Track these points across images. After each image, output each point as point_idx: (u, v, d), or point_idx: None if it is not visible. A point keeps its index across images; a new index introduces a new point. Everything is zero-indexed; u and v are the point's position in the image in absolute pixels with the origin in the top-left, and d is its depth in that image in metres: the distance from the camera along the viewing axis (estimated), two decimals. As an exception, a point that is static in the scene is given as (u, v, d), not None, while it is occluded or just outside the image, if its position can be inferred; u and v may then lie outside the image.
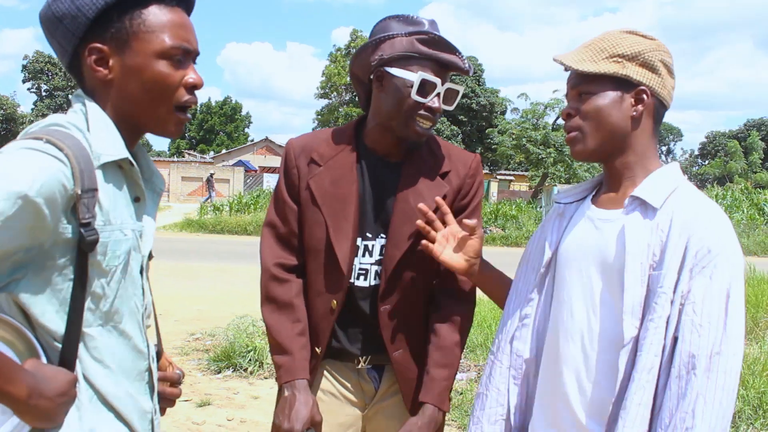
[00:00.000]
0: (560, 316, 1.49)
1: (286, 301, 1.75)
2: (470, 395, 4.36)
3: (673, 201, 1.38)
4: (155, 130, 1.30)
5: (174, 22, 1.23)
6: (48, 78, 50.61)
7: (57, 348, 1.16)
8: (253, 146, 49.07)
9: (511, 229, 19.51)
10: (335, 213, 1.73)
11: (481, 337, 5.54)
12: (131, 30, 1.20)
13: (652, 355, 1.28)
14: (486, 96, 42.64)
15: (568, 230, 1.54)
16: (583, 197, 1.58)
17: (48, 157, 1.09)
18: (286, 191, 1.79)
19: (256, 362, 5.12)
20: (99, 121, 1.21)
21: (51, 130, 1.16)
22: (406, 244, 1.72)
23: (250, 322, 5.83)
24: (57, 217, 1.11)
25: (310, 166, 1.76)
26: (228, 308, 7.02)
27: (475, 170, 1.82)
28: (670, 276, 1.31)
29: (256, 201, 21.82)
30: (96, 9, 1.17)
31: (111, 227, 1.19)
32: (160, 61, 1.22)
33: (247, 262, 11.49)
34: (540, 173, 31.24)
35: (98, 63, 1.21)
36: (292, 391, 1.68)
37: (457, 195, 1.78)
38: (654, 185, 1.41)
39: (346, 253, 1.73)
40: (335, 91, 44.93)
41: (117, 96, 1.23)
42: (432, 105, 1.66)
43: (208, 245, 14.62)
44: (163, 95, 1.24)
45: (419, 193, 1.73)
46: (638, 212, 1.39)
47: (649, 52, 1.43)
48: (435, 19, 1.71)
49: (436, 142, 1.84)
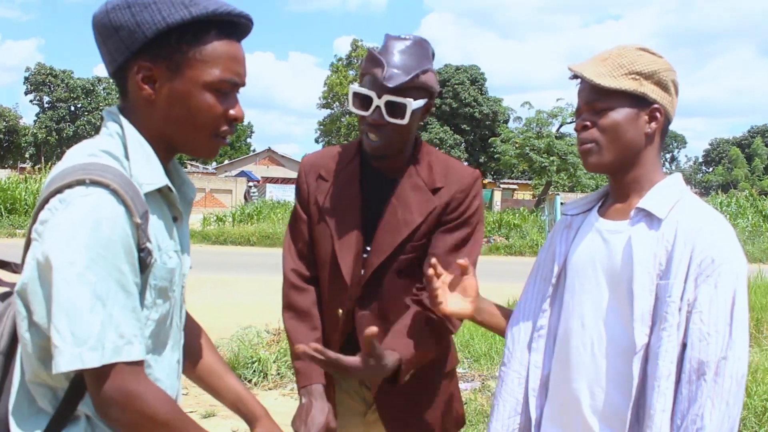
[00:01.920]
0: (570, 325, 1.52)
1: (304, 309, 1.83)
2: (474, 405, 4.35)
3: (678, 211, 1.42)
4: (191, 153, 1.31)
5: (229, 55, 1.22)
6: (50, 90, 50.84)
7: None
8: (255, 156, 49.24)
9: (515, 238, 19.50)
10: (340, 226, 1.79)
11: (485, 347, 5.53)
12: (186, 56, 1.19)
13: (668, 362, 1.34)
14: (488, 105, 42.71)
15: (576, 241, 1.57)
16: (589, 208, 1.61)
17: (107, 201, 1.10)
18: (300, 207, 1.88)
19: (261, 373, 5.11)
20: (138, 146, 1.21)
21: (87, 165, 1.15)
22: (385, 253, 1.76)
23: (254, 333, 5.83)
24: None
25: (318, 181, 1.84)
26: (232, 319, 7.01)
27: (469, 186, 1.80)
28: (677, 285, 1.36)
29: (259, 211, 21.86)
30: (156, 30, 1.16)
31: (160, 252, 1.20)
32: (207, 92, 1.21)
33: (251, 272, 11.50)
34: (543, 182, 31.27)
35: (145, 80, 1.20)
36: (308, 398, 1.74)
37: (444, 209, 1.78)
38: (658, 196, 1.45)
39: (350, 264, 1.77)
40: (337, 100, 45.11)
41: (157, 116, 1.22)
42: (369, 119, 1.69)
43: (211, 256, 14.63)
44: (205, 125, 1.24)
45: (407, 206, 1.76)
46: (644, 223, 1.43)
47: (663, 72, 1.47)
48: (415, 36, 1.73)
49: (436, 158, 1.85)
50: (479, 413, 4.25)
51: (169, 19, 1.15)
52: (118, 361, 1.08)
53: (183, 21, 1.16)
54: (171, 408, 1.15)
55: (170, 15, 1.16)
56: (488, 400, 4.50)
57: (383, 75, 1.64)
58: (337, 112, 45.66)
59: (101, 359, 1.06)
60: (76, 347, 1.05)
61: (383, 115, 1.67)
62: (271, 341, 5.80)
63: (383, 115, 1.67)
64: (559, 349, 1.56)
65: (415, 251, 1.78)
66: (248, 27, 1.28)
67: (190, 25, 1.18)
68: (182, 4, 1.17)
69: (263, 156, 48.41)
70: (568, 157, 29.67)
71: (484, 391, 4.68)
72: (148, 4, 1.16)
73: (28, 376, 1.15)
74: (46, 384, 1.15)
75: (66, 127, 49.57)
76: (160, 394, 1.15)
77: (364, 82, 1.72)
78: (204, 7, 1.17)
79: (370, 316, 1.80)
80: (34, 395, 1.16)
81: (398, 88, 1.64)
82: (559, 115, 32.08)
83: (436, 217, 1.78)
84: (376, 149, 1.73)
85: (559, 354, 1.55)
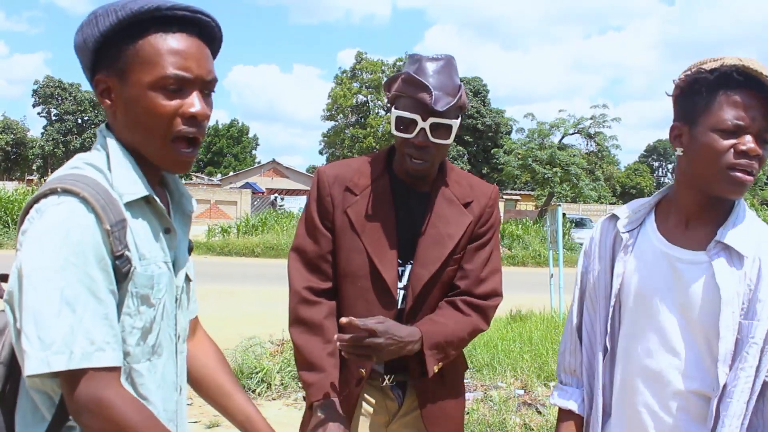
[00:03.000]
0: (634, 351, 1.50)
1: (316, 323, 1.80)
2: (476, 415, 4.38)
3: (760, 247, 1.39)
4: (159, 164, 1.27)
5: (170, 50, 1.18)
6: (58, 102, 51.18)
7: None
8: (260, 168, 49.36)
9: (518, 248, 19.49)
10: (376, 240, 1.80)
11: (487, 357, 5.55)
12: (127, 61, 1.18)
13: (742, 403, 1.34)
14: (491, 116, 42.82)
15: (636, 261, 1.52)
16: (641, 222, 1.55)
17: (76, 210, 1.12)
18: (317, 218, 1.85)
19: (264, 384, 5.14)
20: (118, 158, 1.22)
21: (64, 176, 1.18)
22: (434, 266, 1.80)
23: (258, 344, 5.87)
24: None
25: (345, 194, 1.84)
26: (236, 330, 7.04)
27: (494, 201, 1.92)
28: (762, 327, 1.35)
29: (264, 223, 21.92)
30: (94, 40, 1.17)
31: (146, 261, 1.20)
32: (151, 92, 1.18)
33: (255, 283, 11.53)
34: (546, 192, 31.26)
35: (103, 94, 1.22)
36: (324, 410, 1.71)
37: (477, 223, 1.87)
38: (740, 230, 1.40)
39: (394, 278, 1.80)
40: (341, 112, 45.23)
41: (121, 128, 1.23)
42: (414, 141, 1.74)
43: (215, 267, 14.67)
44: (157, 127, 1.20)
45: (447, 220, 1.83)
46: (724, 258, 1.38)
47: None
48: (447, 56, 1.78)
49: (459, 173, 1.94)
50: (482, 423, 4.27)
51: (101, 28, 1.17)
52: (88, 366, 1.08)
53: (113, 26, 1.16)
54: (143, 416, 1.14)
55: (102, 24, 1.17)
56: (490, 410, 4.52)
57: (431, 99, 1.69)
58: (341, 124, 45.76)
59: (68, 363, 1.06)
60: (42, 351, 1.05)
61: (428, 137, 1.73)
62: (274, 352, 5.84)
63: (428, 137, 1.73)
64: (623, 375, 1.53)
65: (456, 264, 1.85)
66: (194, 20, 1.21)
67: (125, 29, 1.17)
68: (113, 10, 1.16)
69: (268, 167, 48.49)
70: (571, 168, 29.67)
71: (486, 401, 4.71)
72: (91, 19, 1.19)
73: (27, 383, 1.16)
74: (44, 391, 1.16)
75: (73, 140, 49.84)
76: (132, 402, 1.14)
77: (405, 105, 1.74)
78: (129, 8, 1.15)
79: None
80: (36, 402, 1.17)
81: (445, 110, 1.71)
82: (561, 126, 32.11)
83: (471, 231, 1.86)
84: (419, 171, 1.78)
85: (624, 376, 1.52)
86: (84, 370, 1.08)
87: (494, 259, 1.90)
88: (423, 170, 1.79)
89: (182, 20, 1.20)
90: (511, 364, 5.44)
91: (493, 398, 4.72)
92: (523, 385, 5.08)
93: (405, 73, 1.75)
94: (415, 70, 1.74)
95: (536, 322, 7.26)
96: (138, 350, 1.21)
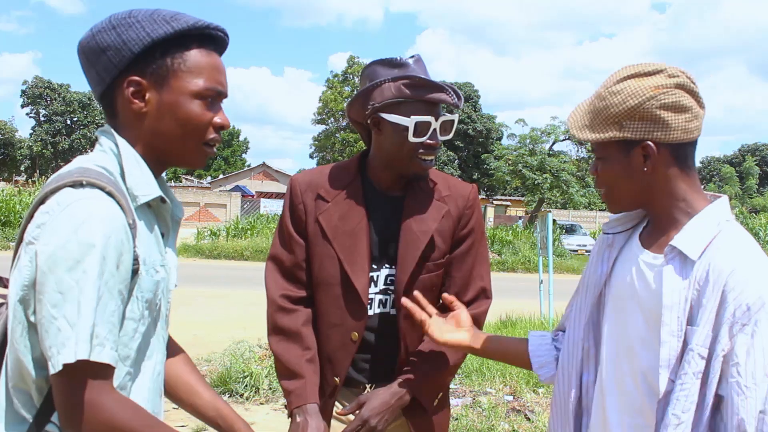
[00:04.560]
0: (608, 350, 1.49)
1: (294, 330, 1.80)
2: (465, 421, 4.37)
3: (711, 251, 1.33)
4: (181, 163, 1.35)
5: (211, 65, 1.29)
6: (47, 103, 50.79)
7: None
8: (250, 171, 49.25)
9: (507, 254, 19.53)
10: (347, 247, 1.79)
11: (476, 363, 5.55)
12: (172, 69, 1.25)
13: (678, 411, 1.29)
14: (482, 122, 42.95)
15: (617, 264, 1.52)
16: (633, 225, 1.55)
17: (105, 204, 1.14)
18: (292, 226, 1.84)
19: (252, 388, 5.11)
20: (132, 160, 1.25)
21: (83, 169, 1.19)
22: (411, 266, 1.79)
23: (247, 348, 5.84)
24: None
25: (317, 201, 1.82)
26: (224, 333, 7.01)
27: (473, 201, 1.89)
28: (701, 332, 1.29)
29: (253, 226, 21.85)
30: (142, 45, 1.22)
31: (146, 266, 1.22)
32: (194, 100, 1.27)
33: (244, 287, 11.48)
34: (536, 198, 31.38)
35: (135, 95, 1.25)
36: (304, 417, 1.72)
37: (457, 225, 1.85)
38: (693, 234, 1.36)
39: (365, 285, 1.79)
40: (332, 116, 45.24)
41: (148, 130, 1.27)
42: (430, 142, 1.75)
43: (204, 270, 14.60)
44: (194, 133, 1.29)
45: (420, 218, 1.81)
46: (677, 262, 1.36)
47: (646, 103, 1.35)
48: (419, 55, 1.79)
49: (435, 173, 1.91)
50: (470, 429, 4.26)
51: (153, 35, 1.23)
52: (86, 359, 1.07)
53: (167, 35, 1.24)
54: (139, 415, 1.15)
55: (154, 31, 1.23)
56: (479, 416, 4.52)
57: (452, 98, 1.73)
58: (332, 127, 45.75)
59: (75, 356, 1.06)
60: (88, 341, 1.07)
61: (438, 136, 1.76)
62: (263, 356, 5.81)
63: (438, 136, 1.76)
64: (598, 372, 1.53)
65: (438, 269, 1.83)
66: (225, 41, 1.35)
67: (173, 39, 1.25)
68: (164, 20, 1.24)
69: (258, 171, 48.44)
70: (561, 175, 29.80)
71: (475, 407, 4.70)
72: (132, 23, 1.23)
73: (12, 381, 1.16)
74: (27, 391, 1.16)
75: (62, 141, 49.43)
76: (127, 404, 1.15)
77: (417, 109, 1.72)
78: (185, 21, 1.25)
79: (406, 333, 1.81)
80: (16, 401, 1.16)
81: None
82: (552, 133, 32.26)
83: (450, 234, 1.83)
84: (429, 168, 1.81)
85: (599, 377, 1.52)
86: (80, 367, 1.07)
87: (481, 262, 1.89)
88: (431, 167, 1.81)
89: (215, 39, 1.33)
90: (500, 370, 5.44)
91: (482, 404, 4.71)
92: (512, 392, 5.09)
93: (406, 76, 1.72)
94: (416, 72, 1.73)
95: (526, 327, 7.28)
96: (138, 355, 1.23)
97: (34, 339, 1.13)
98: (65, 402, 1.10)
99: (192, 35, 1.28)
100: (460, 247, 1.85)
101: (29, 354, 1.13)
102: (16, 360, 1.14)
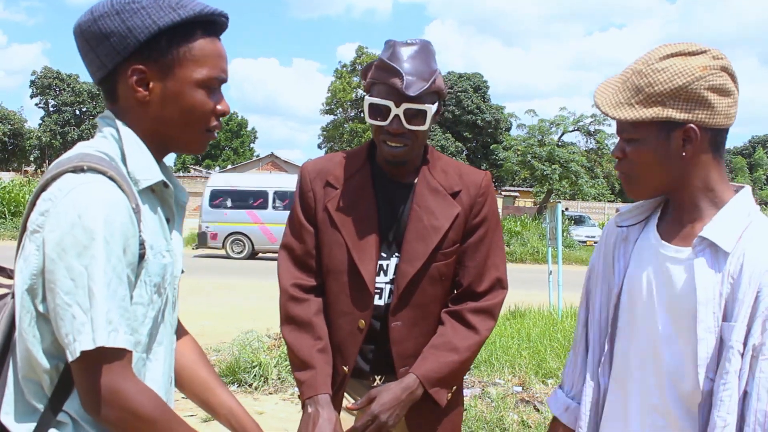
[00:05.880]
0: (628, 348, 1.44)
1: (305, 320, 1.78)
2: (474, 412, 4.36)
3: (745, 243, 1.27)
4: (182, 149, 1.34)
5: (215, 53, 1.28)
6: (56, 93, 51.04)
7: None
8: (258, 162, 49.29)
9: (516, 245, 19.49)
10: (355, 234, 1.76)
11: (485, 354, 5.54)
12: (177, 57, 1.23)
13: (724, 413, 1.23)
14: (491, 112, 42.76)
15: (634, 258, 1.45)
16: (646, 217, 1.48)
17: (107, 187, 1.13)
18: (302, 214, 1.82)
19: (261, 378, 5.12)
20: (134, 145, 1.24)
21: (84, 155, 1.18)
22: (419, 261, 1.75)
23: (255, 338, 5.85)
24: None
25: (326, 189, 1.81)
26: (233, 324, 7.03)
27: (486, 189, 1.84)
28: (739, 328, 1.23)
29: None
30: (149, 33, 1.20)
31: (153, 251, 1.21)
32: (198, 89, 1.26)
33: (253, 277, 11.52)
34: (545, 189, 31.28)
35: (138, 83, 1.23)
36: (315, 408, 1.70)
37: (469, 214, 1.81)
38: (725, 223, 1.29)
39: (372, 273, 1.76)
40: (340, 107, 45.21)
41: (151, 117, 1.26)
42: (389, 128, 1.70)
43: (213, 261, 14.64)
44: (198, 121, 1.28)
45: (432, 212, 1.77)
46: (708, 255, 1.29)
47: (695, 83, 1.27)
48: (425, 41, 1.75)
49: (447, 162, 1.87)
50: (479, 419, 4.26)
51: (160, 23, 1.20)
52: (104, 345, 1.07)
53: (173, 23, 1.21)
54: (157, 404, 1.15)
55: (160, 18, 1.20)
56: (488, 406, 4.51)
57: (403, 84, 1.64)
58: (340, 118, 45.73)
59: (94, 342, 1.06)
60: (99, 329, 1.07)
61: (403, 123, 1.69)
62: (272, 345, 5.82)
63: (403, 123, 1.69)
64: (616, 369, 1.47)
65: (446, 258, 1.78)
66: (226, 24, 1.33)
67: (179, 27, 1.22)
68: (170, 7, 1.21)
69: (266, 161, 48.39)
70: (570, 165, 29.68)
71: (484, 398, 4.69)
72: (137, 9, 1.20)
73: (23, 372, 1.15)
74: (38, 381, 1.15)
75: (70, 131, 49.71)
76: (146, 391, 1.15)
77: (378, 91, 1.71)
78: (191, 8, 1.23)
79: (402, 327, 1.77)
80: (26, 391, 1.16)
81: (418, 95, 1.66)
82: (561, 124, 32.10)
83: (463, 223, 1.79)
84: (397, 156, 1.73)
85: (616, 375, 1.47)
86: (99, 353, 1.07)
87: (495, 251, 1.83)
88: (400, 155, 1.74)
89: (217, 24, 1.30)
90: (509, 361, 5.43)
91: (490, 395, 4.71)
92: (521, 382, 5.08)
93: (378, 59, 1.71)
94: (388, 56, 1.70)
95: (534, 319, 7.25)
96: (149, 340, 1.23)
97: (43, 328, 1.13)
98: (86, 388, 1.10)
99: (196, 22, 1.25)
100: (473, 236, 1.80)
101: (39, 344, 1.13)
102: (26, 350, 1.14)
